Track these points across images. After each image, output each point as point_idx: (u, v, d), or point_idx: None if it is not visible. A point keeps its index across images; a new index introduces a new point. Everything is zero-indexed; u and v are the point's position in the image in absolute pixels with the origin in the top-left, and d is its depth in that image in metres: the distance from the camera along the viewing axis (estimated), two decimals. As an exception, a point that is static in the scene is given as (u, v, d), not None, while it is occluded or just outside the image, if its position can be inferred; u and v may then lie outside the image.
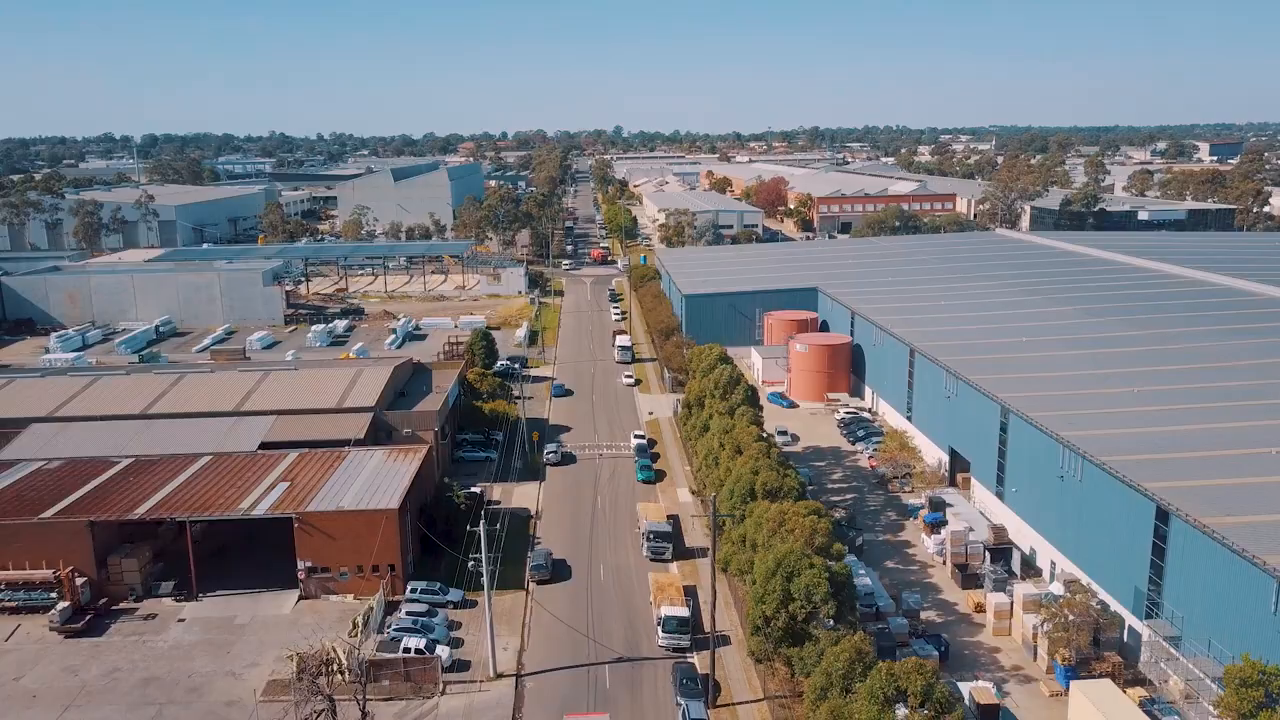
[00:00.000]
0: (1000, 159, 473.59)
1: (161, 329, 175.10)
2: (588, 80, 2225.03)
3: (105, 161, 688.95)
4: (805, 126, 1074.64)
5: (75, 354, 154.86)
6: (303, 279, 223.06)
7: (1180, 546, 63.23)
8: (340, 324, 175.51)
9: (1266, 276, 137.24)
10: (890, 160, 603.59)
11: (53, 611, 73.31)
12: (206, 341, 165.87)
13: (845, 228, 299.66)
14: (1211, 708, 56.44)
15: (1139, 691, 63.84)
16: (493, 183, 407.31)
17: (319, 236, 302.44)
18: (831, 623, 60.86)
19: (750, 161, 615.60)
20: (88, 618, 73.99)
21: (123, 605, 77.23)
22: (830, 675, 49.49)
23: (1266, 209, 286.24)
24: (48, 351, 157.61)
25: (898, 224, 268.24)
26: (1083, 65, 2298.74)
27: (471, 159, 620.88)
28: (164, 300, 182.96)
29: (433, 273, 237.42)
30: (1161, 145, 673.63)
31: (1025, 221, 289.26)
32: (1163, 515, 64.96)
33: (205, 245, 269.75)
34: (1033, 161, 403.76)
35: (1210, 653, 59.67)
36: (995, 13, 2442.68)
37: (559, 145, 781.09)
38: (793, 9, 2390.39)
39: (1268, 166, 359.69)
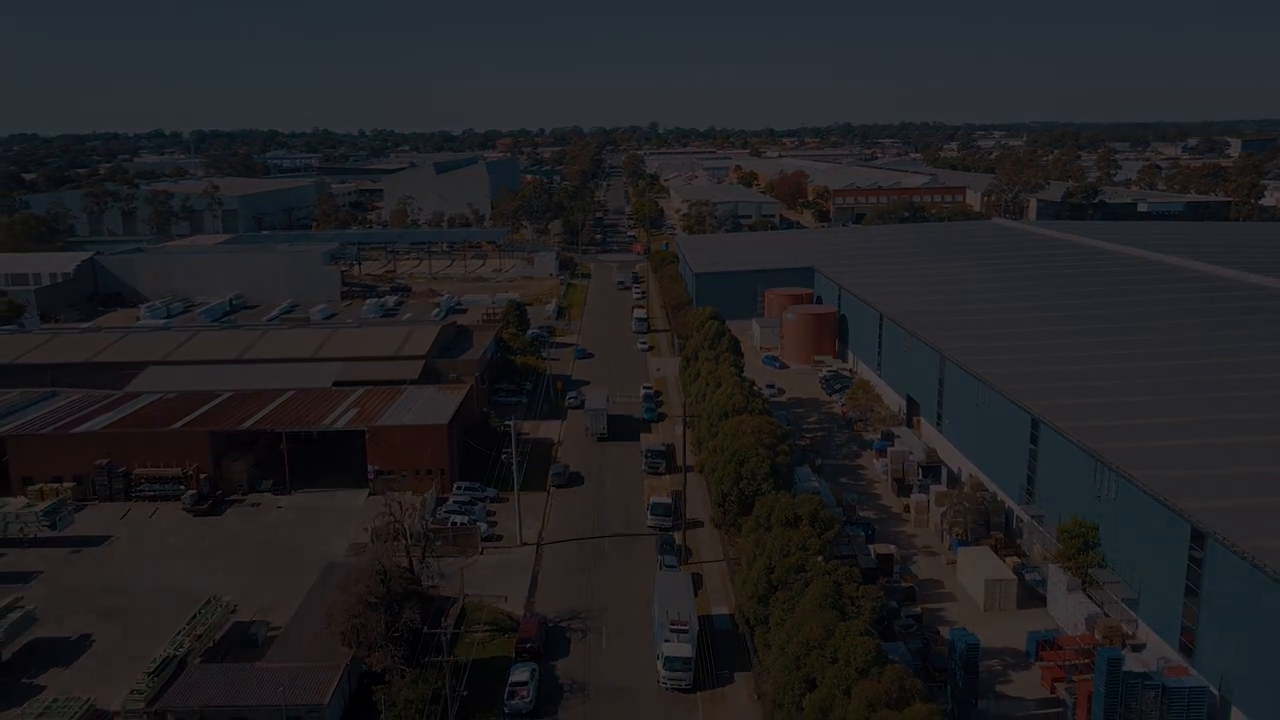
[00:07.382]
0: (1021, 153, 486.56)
1: (234, 302, 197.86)
2: (625, 78, 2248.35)
3: (158, 156, 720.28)
4: (840, 123, 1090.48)
5: (163, 321, 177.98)
6: (355, 262, 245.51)
7: (1045, 445, 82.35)
8: (391, 299, 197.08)
9: (1221, 259, 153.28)
10: (918, 156, 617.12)
11: (184, 497, 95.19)
12: (274, 313, 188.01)
13: (859, 219, 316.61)
14: (1054, 559, 75.53)
15: (1014, 560, 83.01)
16: (529, 176, 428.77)
17: (368, 225, 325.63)
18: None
19: (779, 157, 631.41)
20: (209, 503, 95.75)
21: (234, 497, 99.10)
22: (758, 518, 69.23)
23: (1262, 202, 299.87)
24: (139, 320, 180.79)
25: (906, 215, 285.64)
26: (1127, 61, 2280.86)
27: (509, 154, 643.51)
28: (235, 278, 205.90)
29: (472, 257, 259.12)
30: (1193, 141, 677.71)
31: (1031, 212, 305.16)
32: (1036, 425, 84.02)
33: (264, 232, 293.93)
34: (1048, 158, 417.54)
35: (1060, 523, 78.59)
36: (1035, 8, 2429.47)
37: (593, 141, 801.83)
38: (832, 6, 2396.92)
39: (1271, 162, 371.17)
